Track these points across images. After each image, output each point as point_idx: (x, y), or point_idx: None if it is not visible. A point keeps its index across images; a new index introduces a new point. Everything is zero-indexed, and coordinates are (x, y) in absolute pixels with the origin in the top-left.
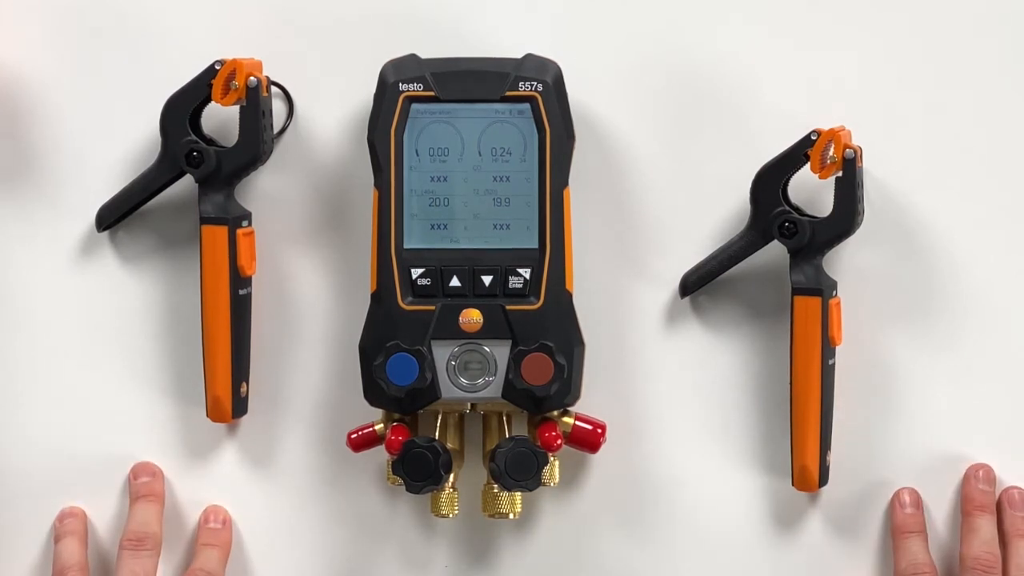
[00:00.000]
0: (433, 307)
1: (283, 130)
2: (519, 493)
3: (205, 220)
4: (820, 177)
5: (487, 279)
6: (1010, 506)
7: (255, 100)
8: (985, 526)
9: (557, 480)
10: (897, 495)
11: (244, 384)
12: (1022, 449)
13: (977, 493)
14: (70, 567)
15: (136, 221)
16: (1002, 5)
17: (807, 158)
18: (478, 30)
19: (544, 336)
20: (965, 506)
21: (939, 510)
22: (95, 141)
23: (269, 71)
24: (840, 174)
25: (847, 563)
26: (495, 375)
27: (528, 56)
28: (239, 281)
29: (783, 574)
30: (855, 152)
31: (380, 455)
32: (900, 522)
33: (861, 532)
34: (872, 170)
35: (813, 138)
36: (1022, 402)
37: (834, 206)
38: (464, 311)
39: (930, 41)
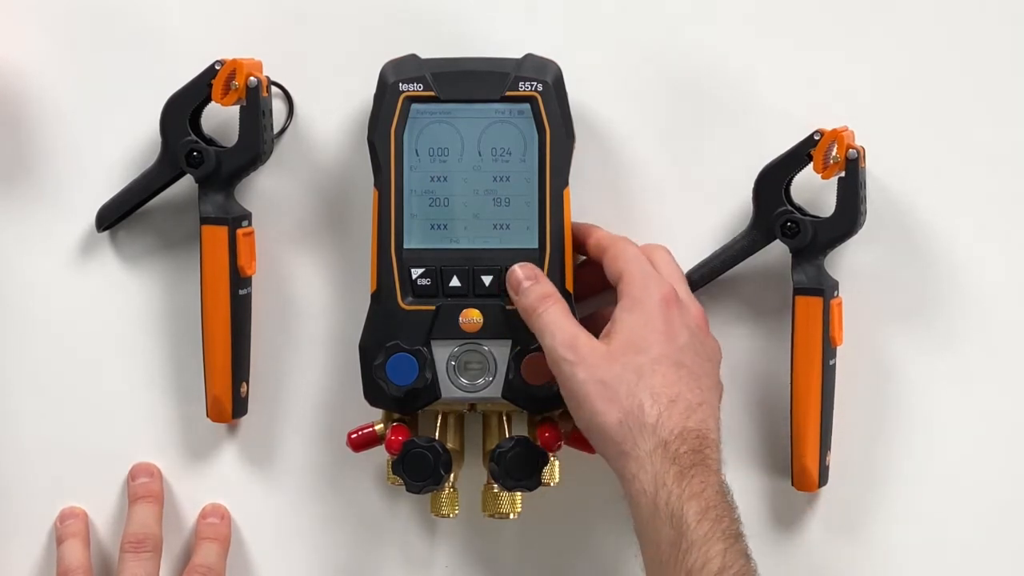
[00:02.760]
0: (433, 307)
1: (283, 130)
2: (519, 493)
3: (205, 220)
4: (823, 177)
5: (487, 279)
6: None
7: (255, 100)
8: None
9: (557, 480)
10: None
11: (244, 384)
12: (1022, 448)
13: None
14: (74, 569)
15: (136, 221)
16: (1003, 5)
17: (810, 158)
18: (478, 30)
19: None
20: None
21: (939, 508)
22: (95, 141)
23: (269, 71)
24: (843, 174)
25: (847, 563)
26: (495, 375)
27: (528, 56)
28: (239, 281)
29: (783, 574)
30: (858, 152)
31: (380, 455)
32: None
33: (861, 532)
34: (874, 170)
35: (816, 138)
36: (1022, 402)
37: (836, 206)
38: (464, 311)
39: (931, 41)
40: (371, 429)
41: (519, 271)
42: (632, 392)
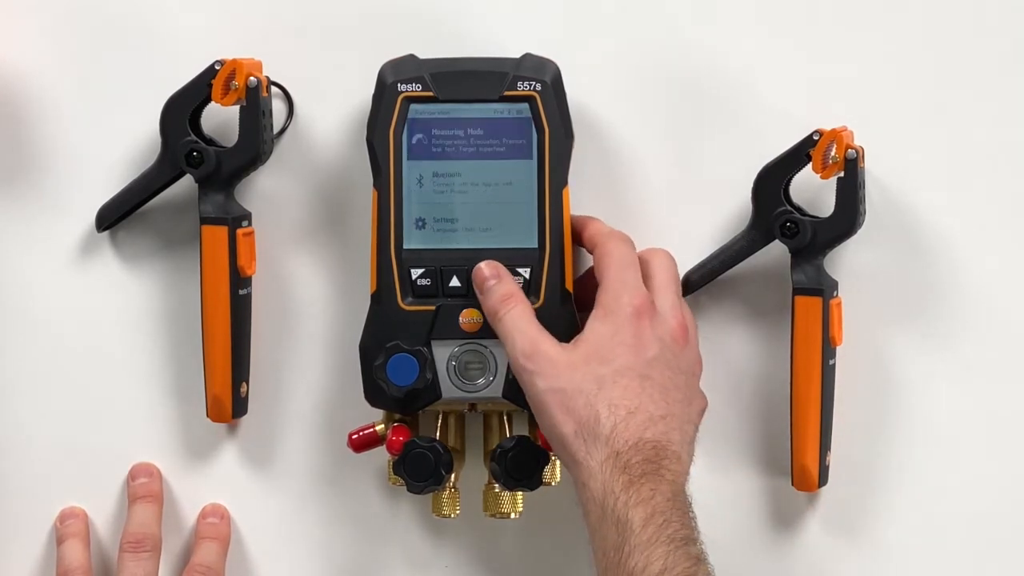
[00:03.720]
0: (433, 307)
1: (283, 130)
2: (520, 493)
3: (205, 220)
4: (822, 177)
5: None
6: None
7: (255, 100)
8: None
9: (558, 479)
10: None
11: (244, 384)
12: (1022, 449)
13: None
14: (74, 569)
15: (136, 221)
16: (1003, 4)
17: (809, 158)
18: (477, 30)
19: None
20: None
21: (939, 508)
22: (95, 141)
23: (269, 71)
24: (842, 174)
25: (847, 563)
26: (495, 375)
27: (526, 56)
28: (239, 281)
29: (783, 574)
30: (857, 152)
31: (381, 455)
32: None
33: (861, 532)
34: (874, 170)
35: (815, 138)
36: (1022, 402)
37: (836, 206)
38: (464, 311)
39: (931, 41)
40: (372, 430)
41: (484, 269)
42: (590, 403)
